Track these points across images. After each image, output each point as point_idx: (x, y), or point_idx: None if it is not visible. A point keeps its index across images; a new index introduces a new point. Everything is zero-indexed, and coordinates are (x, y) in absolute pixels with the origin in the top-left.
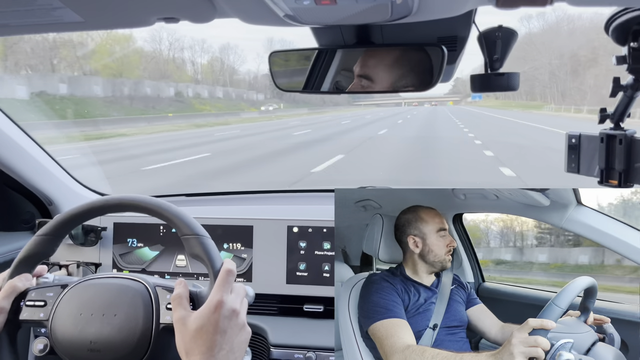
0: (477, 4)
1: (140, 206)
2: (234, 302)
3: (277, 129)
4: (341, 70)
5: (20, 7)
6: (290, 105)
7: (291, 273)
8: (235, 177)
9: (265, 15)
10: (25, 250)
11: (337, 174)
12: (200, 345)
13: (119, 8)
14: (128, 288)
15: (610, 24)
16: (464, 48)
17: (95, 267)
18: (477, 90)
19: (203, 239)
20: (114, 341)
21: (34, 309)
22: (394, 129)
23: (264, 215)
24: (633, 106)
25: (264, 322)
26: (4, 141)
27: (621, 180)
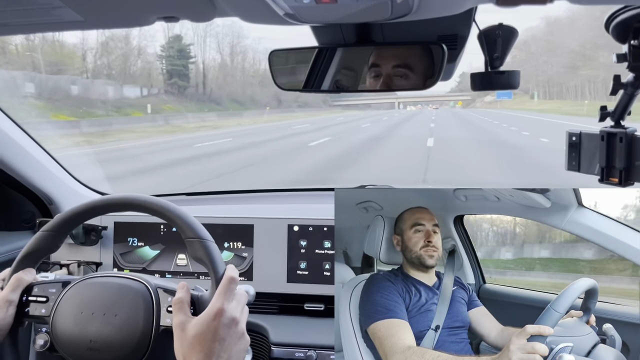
0: (477, 2)
1: (144, 206)
2: (235, 310)
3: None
4: (341, 68)
5: (20, 6)
6: (204, 107)
7: (292, 272)
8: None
9: (266, 14)
10: (29, 246)
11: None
12: (199, 352)
13: (119, 7)
14: (129, 288)
15: (611, 21)
16: (465, 46)
17: (96, 266)
18: (477, 89)
19: (207, 243)
20: (113, 341)
21: (36, 304)
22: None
23: (264, 214)
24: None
25: (265, 320)
26: (4, 140)
27: (622, 178)
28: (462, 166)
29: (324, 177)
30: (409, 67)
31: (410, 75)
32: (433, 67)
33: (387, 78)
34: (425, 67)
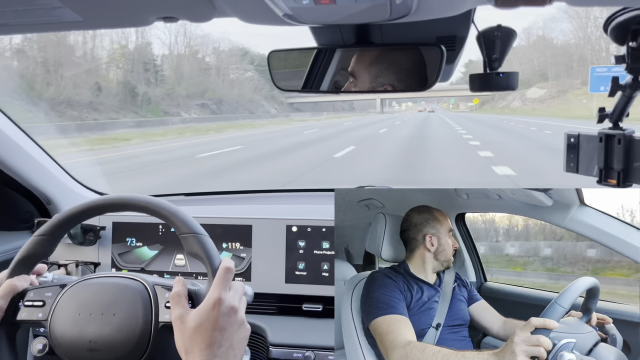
0: (476, 3)
1: (138, 205)
2: (233, 299)
3: None
4: (340, 69)
5: (20, 6)
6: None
7: (290, 272)
8: None
9: (265, 14)
10: (24, 251)
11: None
12: (200, 342)
13: (118, 8)
14: (127, 287)
15: (609, 23)
16: (463, 47)
17: (94, 266)
18: (476, 90)
19: (201, 237)
20: (113, 340)
21: (33, 309)
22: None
23: (263, 214)
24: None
25: (263, 321)
26: (3, 141)
27: (620, 180)
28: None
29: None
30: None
31: (410, 76)
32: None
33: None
34: (424, 68)
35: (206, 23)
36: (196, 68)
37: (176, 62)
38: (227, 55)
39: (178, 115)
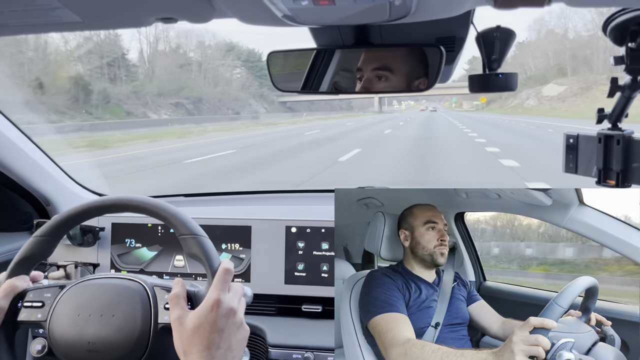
0: (475, 4)
1: (137, 206)
2: (232, 300)
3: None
4: (340, 70)
5: (19, 7)
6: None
7: (289, 273)
8: None
9: (264, 15)
10: (23, 252)
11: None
12: (198, 344)
13: (117, 8)
14: (126, 288)
15: (608, 24)
16: (462, 48)
17: (93, 267)
18: (475, 91)
19: (200, 239)
20: (112, 341)
21: (32, 309)
22: None
23: (262, 215)
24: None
25: (263, 322)
26: (2, 142)
27: (619, 181)
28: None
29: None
30: (389, 70)
31: (391, 77)
32: (425, 69)
33: (367, 82)
34: (411, 68)
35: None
36: (174, 64)
37: (152, 57)
38: (213, 50)
39: (145, 116)
